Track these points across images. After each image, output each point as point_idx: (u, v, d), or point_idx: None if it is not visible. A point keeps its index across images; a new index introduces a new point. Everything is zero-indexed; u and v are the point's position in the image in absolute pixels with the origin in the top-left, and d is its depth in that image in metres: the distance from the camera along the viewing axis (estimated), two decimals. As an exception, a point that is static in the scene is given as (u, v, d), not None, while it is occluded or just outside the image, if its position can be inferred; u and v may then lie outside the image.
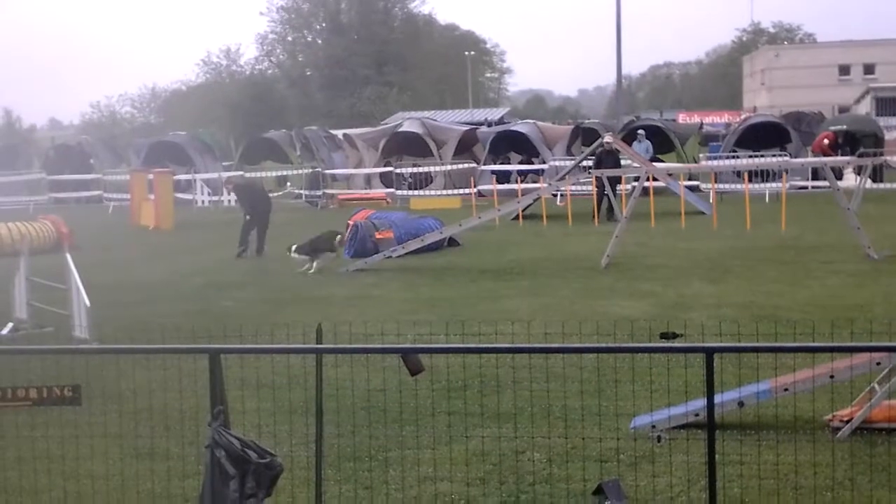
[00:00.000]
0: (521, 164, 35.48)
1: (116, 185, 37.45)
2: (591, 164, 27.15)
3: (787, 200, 23.31)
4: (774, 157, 31.55)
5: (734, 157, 33.22)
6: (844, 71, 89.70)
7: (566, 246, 20.93)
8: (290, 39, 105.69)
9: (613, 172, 23.83)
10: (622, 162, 27.24)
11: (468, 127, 40.15)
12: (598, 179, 24.78)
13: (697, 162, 33.41)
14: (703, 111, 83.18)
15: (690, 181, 30.98)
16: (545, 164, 33.61)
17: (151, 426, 8.07)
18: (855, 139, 34.58)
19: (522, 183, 30.71)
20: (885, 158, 28.95)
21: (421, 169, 35.35)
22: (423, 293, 15.52)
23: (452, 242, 20.92)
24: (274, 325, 10.09)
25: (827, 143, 33.14)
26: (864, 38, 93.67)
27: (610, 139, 25.95)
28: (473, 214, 21.25)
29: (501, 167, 35.19)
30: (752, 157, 32.47)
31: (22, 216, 27.24)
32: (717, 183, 28.54)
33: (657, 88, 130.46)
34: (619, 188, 26.34)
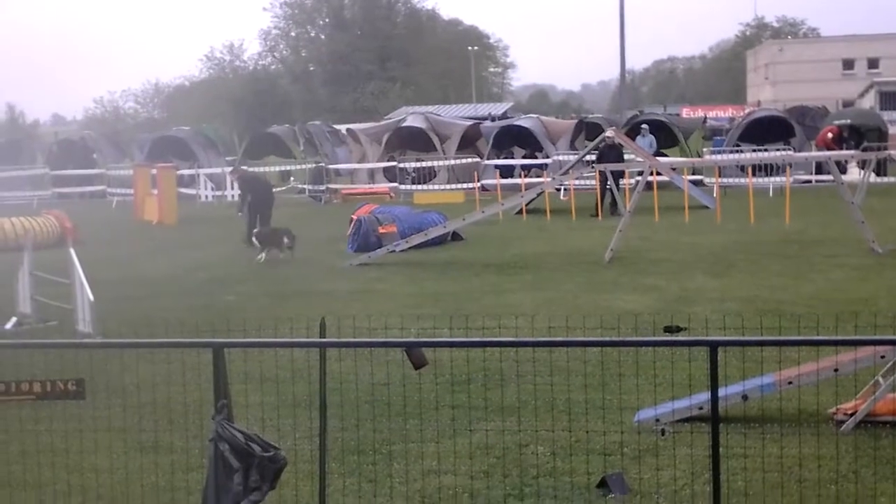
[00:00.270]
0: (524, 158, 35.46)
1: (120, 180, 37.46)
2: (594, 158, 27.13)
3: (790, 194, 23.27)
4: (778, 151, 31.50)
5: (738, 151, 33.17)
6: (848, 65, 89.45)
7: (570, 240, 20.93)
8: (293, 35, 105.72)
9: (616, 167, 23.83)
10: (626, 156, 27.24)
11: (471, 122, 40.13)
12: (600, 174, 24.76)
13: (701, 156, 33.35)
14: (706, 106, 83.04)
15: (694, 175, 30.94)
16: (548, 158, 33.58)
17: (155, 420, 8.07)
18: (859, 133, 34.54)
19: (526, 177, 30.69)
20: (889, 152, 28.86)
21: (424, 164, 35.32)
22: (426, 287, 15.53)
23: (456, 237, 20.93)
24: (277, 319, 10.10)
25: (831, 137, 33.11)
26: (868, 32, 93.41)
27: (612, 134, 25.95)
28: (477, 209, 21.22)
29: (505, 162, 35.16)
30: (755, 151, 32.43)
31: (25, 211, 27.25)
32: (720, 177, 28.52)
33: (661, 83, 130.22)
34: (622, 182, 26.32)
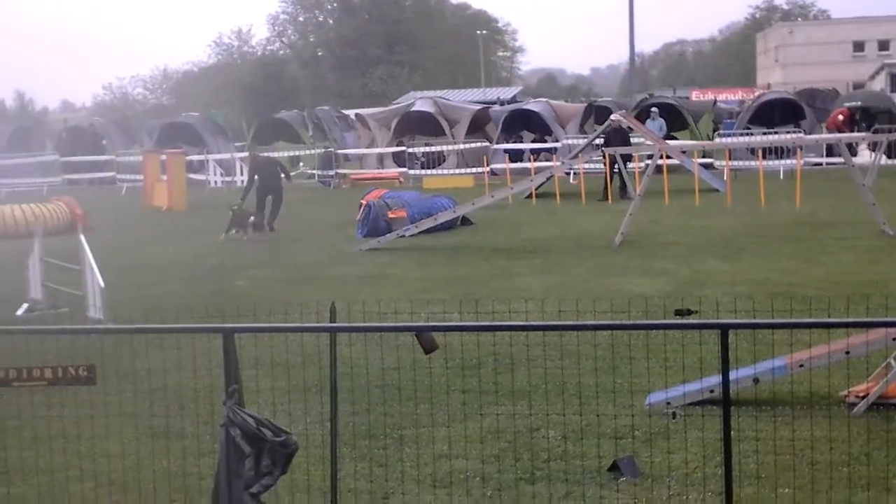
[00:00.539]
0: (533, 142, 35.39)
1: (129, 166, 37.49)
2: (602, 142, 27.06)
3: (801, 177, 23.18)
4: (788, 133, 31.38)
5: (748, 134, 33.05)
6: (859, 47, 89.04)
7: (579, 224, 20.89)
8: (301, 20, 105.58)
9: (622, 150, 23.71)
10: (635, 140, 27.16)
11: (480, 106, 40.02)
12: (607, 157, 24.69)
13: (711, 139, 33.23)
14: (716, 88, 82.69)
15: (704, 158, 30.85)
16: (558, 142, 33.51)
17: (166, 405, 8.09)
18: (870, 115, 34.38)
19: (535, 161, 30.63)
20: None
21: (433, 148, 35.28)
22: (436, 272, 15.52)
23: (465, 221, 20.90)
24: (287, 304, 10.10)
25: (841, 119, 32.96)
26: (878, 14, 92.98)
27: (617, 117, 25.89)
28: (486, 193, 21.20)
29: (514, 146, 35.10)
30: (766, 133, 32.31)
31: (36, 198, 27.31)
32: (731, 160, 28.42)
33: (670, 66, 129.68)
34: (631, 166, 26.23)
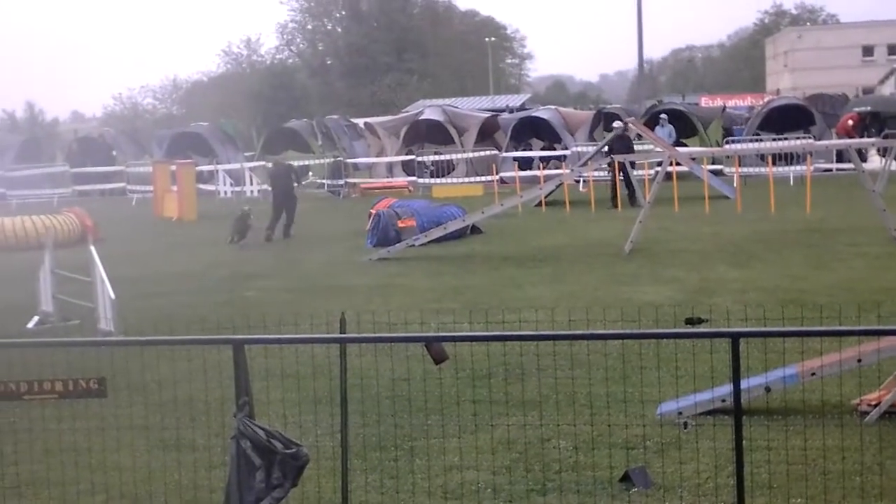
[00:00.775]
0: (543, 150, 35.37)
1: (139, 176, 37.54)
2: (610, 149, 27.01)
3: (811, 183, 23.12)
4: (798, 139, 31.31)
5: (758, 140, 32.98)
6: (868, 52, 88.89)
7: (589, 232, 20.87)
8: (309, 28, 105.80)
9: (625, 157, 23.62)
10: (644, 146, 27.10)
11: (489, 114, 40.02)
12: (612, 165, 24.56)
13: (721, 145, 33.18)
14: (725, 94, 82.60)
15: (714, 165, 30.78)
16: (567, 150, 33.48)
17: (177, 417, 8.09)
18: (880, 120, 34.31)
19: (545, 169, 30.61)
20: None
21: (443, 157, 35.27)
22: (446, 281, 15.51)
23: (475, 230, 20.88)
24: (298, 314, 10.10)
25: (851, 124, 32.89)
26: (887, 18, 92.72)
27: (620, 124, 25.91)
28: (496, 202, 21.20)
29: (523, 154, 35.09)
30: (775, 140, 32.24)
31: (46, 209, 27.38)
32: (740, 166, 28.36)
33: (679, 72, 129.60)
34: (633, 173, 26.01)
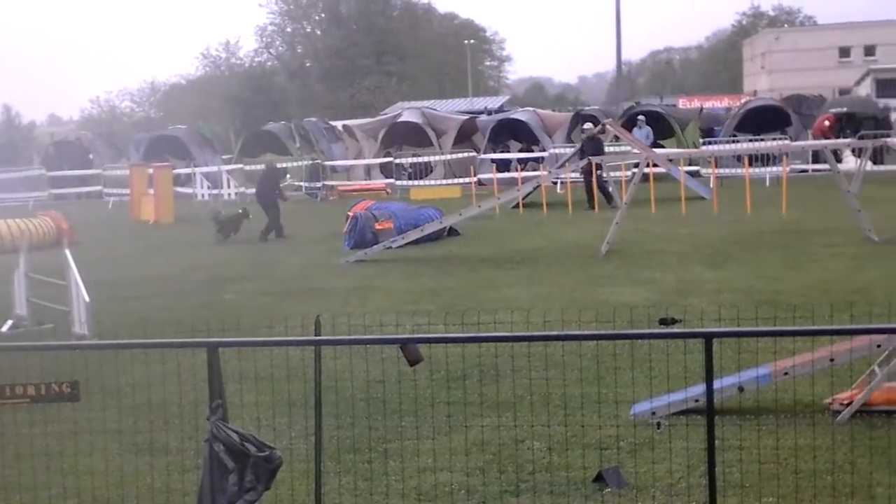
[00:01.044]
0: (520, 152, 35.43)
1: (116, 180, 37.42)
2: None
3: (787, 184, 23.26)
4: (774, 140, 31.46)
5: (734, 141, 33.11)
6: (845, 53, 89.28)
7: (566, 234, 20.92)
8: (289, 31, 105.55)
9: (596, 159, 23.57)
10: (621, 148, 27.17)
11: (468, 116, 40.08)
12: (585, 167, 24.47)
13: (698, 146, 33.31)
14: (703, 96, 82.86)
15: (690, 166, 30.88)
16: (545, 151, 33.56)
17: (150, 421, 8.06)
18: (856, 121, 34.51)
19: (522, 171, 30.66)
20: (885, 140, 28.79)
21: (421, 159, 35.32)
22: (423, 283, 15.52)
23: (452, 232, 20.92)
24: (273, 317, 10.09)
25: (827, 125, 33.07)
26: (864, 19, 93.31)
27: (590, 126, 26.04)
28: (473, 203, 21.22)
29: (501, 156, 35.14)
30: (752, 141, 32.38)
31: (22, 212, 27.26)
32: (717, 168, 28.48)
33: (657, 74, 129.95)
34: (603, 175, 25.83)
